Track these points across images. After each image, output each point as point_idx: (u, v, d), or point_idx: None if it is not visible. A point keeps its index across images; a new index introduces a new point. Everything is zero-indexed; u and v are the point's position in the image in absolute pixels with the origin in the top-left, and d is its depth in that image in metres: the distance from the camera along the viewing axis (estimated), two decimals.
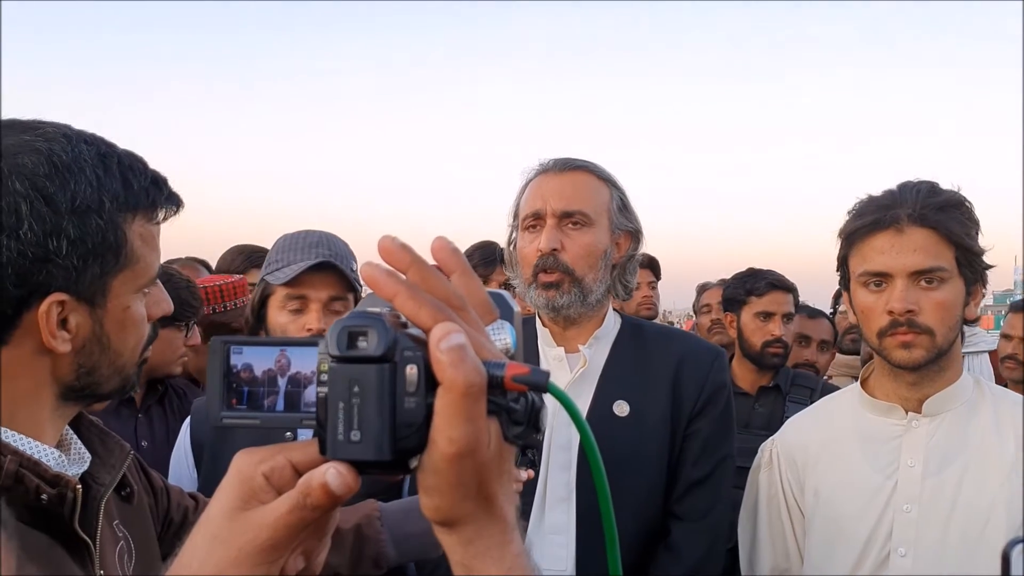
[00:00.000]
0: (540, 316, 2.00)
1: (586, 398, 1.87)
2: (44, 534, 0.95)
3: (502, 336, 0.63)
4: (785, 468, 1.87)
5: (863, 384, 1.83)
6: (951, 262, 1.61)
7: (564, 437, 1.83)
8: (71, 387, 1.01)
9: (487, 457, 0.56)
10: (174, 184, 1.08)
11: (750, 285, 3.23)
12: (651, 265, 4.41)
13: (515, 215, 2.00)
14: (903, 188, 1.67)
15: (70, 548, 0.98)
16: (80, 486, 0.99)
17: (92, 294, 0.98)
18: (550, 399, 0.60)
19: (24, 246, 0.92)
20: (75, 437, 1.10)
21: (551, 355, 1.95)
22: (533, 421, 0.59)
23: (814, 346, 3.62)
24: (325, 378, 0.55)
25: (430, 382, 0.54)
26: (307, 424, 0.59)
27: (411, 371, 0.54)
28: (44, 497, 0.94)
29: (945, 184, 1.67)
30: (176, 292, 2.47)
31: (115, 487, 1.10)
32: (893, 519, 1.67)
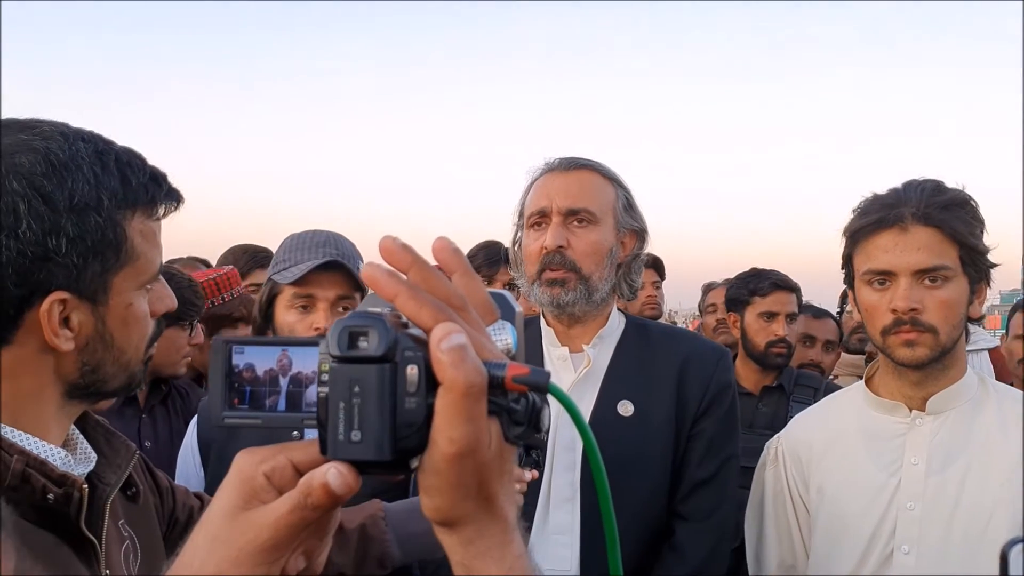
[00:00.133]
0: (544, 315, 1.99)
1: (590, 398, 1.87)
2: (50, 533, 0.96)
3: (503, 336, 0.63)
4: (790, 465, 1.87)
5: (868, 382, 1.83)
6: (955, 261, 1.61)
7: (568, 437, 1.83)
8: (76, 385, 1.01)
9: (487, 457, 0.56)
10: (173, 181, 1.08)
11: (754, 285, 3.23)
12: (655, 265, 4.41)
13: (520, 213, 2.00)
14: (908, 187, 1.67)
15: (76, 548, 0.98)
16: (86, 486, 0.99)
17: (93, 292, 0.98)
18: (555, 403, 0.60)
19: (23, 245, 0.92)
20: (81, 437, 1.10)
21: (555, 355, 1.95)
22: (534, 421, 0.59)
23: (819, 346, 3.60)
24: (326, 378, 0.55)
25: (431, 382, 0.54)
26: (308, 424, 0.59)
27: (412, 371, 0.54)
28: (50, 497, 0.94)
29: (950, 183, 1.67)
30: (179, 291, 2.47)
31: (121, 487, 1.10)
32: (897, 517, 1.67)
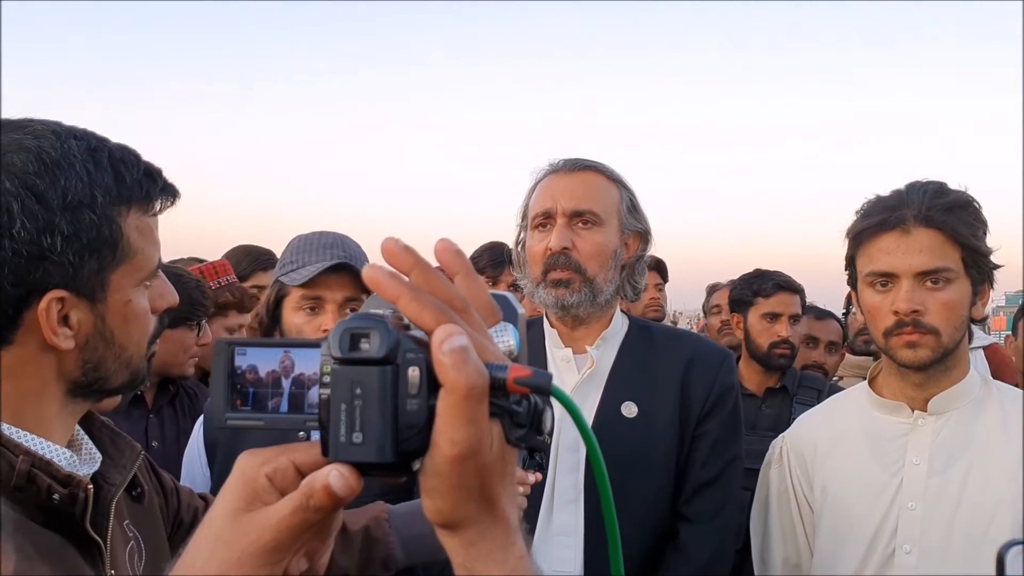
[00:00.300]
0: (548, 316, 1.99)
1: (594, 399, 1.87)
2: (56, 534, 0.96)
3: (505, 338, 0.63)
4: (795, 464, 1.88)
5: (871, 383, 1.84)
6: (957, 263, 1.62)
7: (572, 439, 1.83)
8: (78, 383, 1.01)
9: (489, 459, 0.56)
10: (169, 177, 1.08)
11: (757, 286, 3.22)
12: (658, 267, 4.41)
13: (523, 214, 2.00)
14: (910, 188, 1.67)
15: (81, 548, 0.99)
16: (91, 486, 1.00)
17: (91, 289, 0.98)
18: (559, 404, 0.60)
19: (18, 245, 0.92)
20: (86, 437, 1.10)
21: (559, 356, 1.95)
22: (536, 424, 0.59)
23: (822, 347, 3.60)
24: (328, 380, 0.55)
25: (432, 384, 0.54)
26: (311, 425, 0.59)
27: (413, 373, 0.54)
28: (56, 497, 0.94)
29: (953, 184, 1.67)
30: (186, 292, 2.47)
31: (126, 487, 1.10)
32: (898, 516, 1.68)
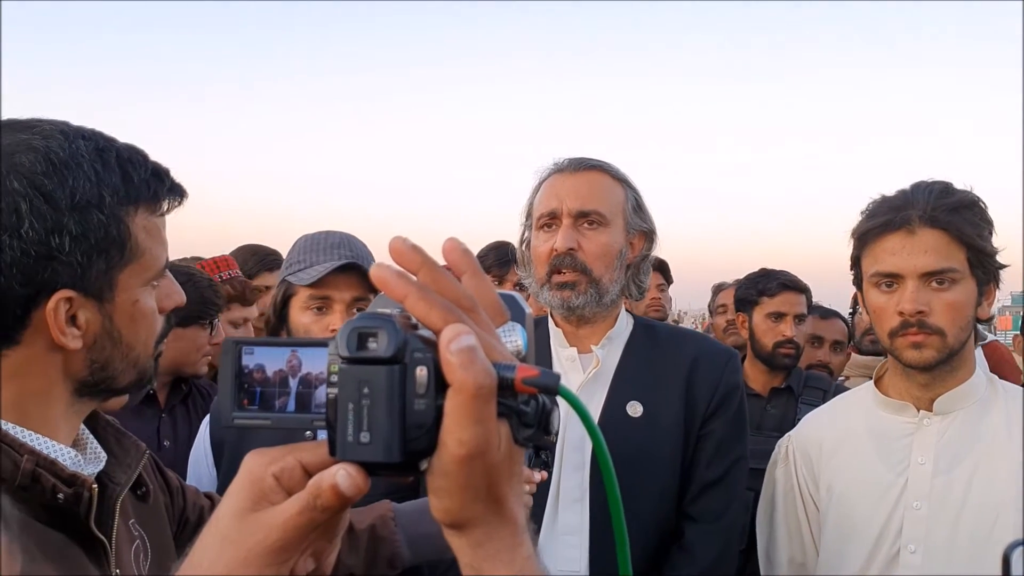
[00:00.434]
0: (553, 316, 1.99)
1: (599, 399, 1.86)
2: (60, 533, 0.96)
3: (513, 338, 0.62)
4: (800, 463, 1.88)
5: (877, 382, 1.84)
6: (963, 263, 1.61)
7: (577, 438, 1.83)
8: (85, 383, 1.01)
9: (497, 459, 0.56)
10: (176, 177, 1.08)
11: (762, 286, 3.21)
12: (660, 268, 4.40)
13: (528, 214, 2.00)
14: (915, 189, 1.66)
15: (86, 547, 0.99)
16: (96, 485, 1.00)
17: (99, 289, 0.98)
18: (564, 402, 0.59)
19: (27, 244, 0.92)
20: (91, 436, 1.10)
21: (564, 356, 1.94)
22: (543, 423, 0.58)
23: (827, 346, 3.60)
24: (335, 379, 0.55)
25: (440, 384, 0.54)
26: (318, 425, 0.59)
27: (421, 372, 0.54)
28: (60, 496, 0.94)
29: (959, 184, 1.66)
30: (198, 291, 2.48)
31: (131, 486, 1.10)
32: (903, 516, 1.67)
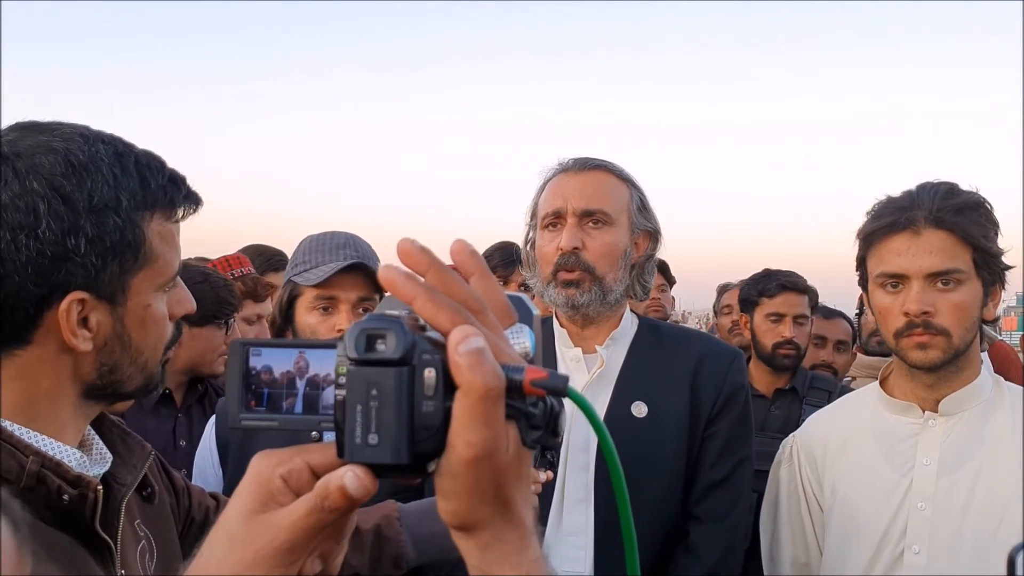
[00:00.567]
0: (557, 316, 1.99)
1: (604, 399, 1.86)
2: (66, 534, 0.96)
3: (521, 340, 0.62)
4: (805, 463, 1.88)
5: (882, 383, 1.83)
6: (968, 264, 1.61)
7: (582, 438, 1.83)
8: (93, 386, 1.01)
9: (505, 461, 0.56)
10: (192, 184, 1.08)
11: (762, 286, 3.22)
12: (662, 269, 4.39)
13: (533, 214, 2.00)
14: (921, 189, 1.66)
15: (91, 548, 0.99)
16: (101, 487, 1.00)
17: (112, 292, 0.98)
18: (568, 401, 0.59)
19: (43, 245, 0.92)
20: (97, 437, 1.10)
21: (568, 356, 1.94)
22: (552, 425, 0.58)
23: (830, 346, 3.60)
24: (343, 381, 0.55)
25: (448, 386, 0.54)
26: (325, 426, 0.59)
27: (429, 374, 0.54)
28: (66, 498, 0.94)
29: (965, 185, 1.66)
30: (214, 291, 2.49)
31: (136, 487, 1.10)
32: (908, 517, 1.67)
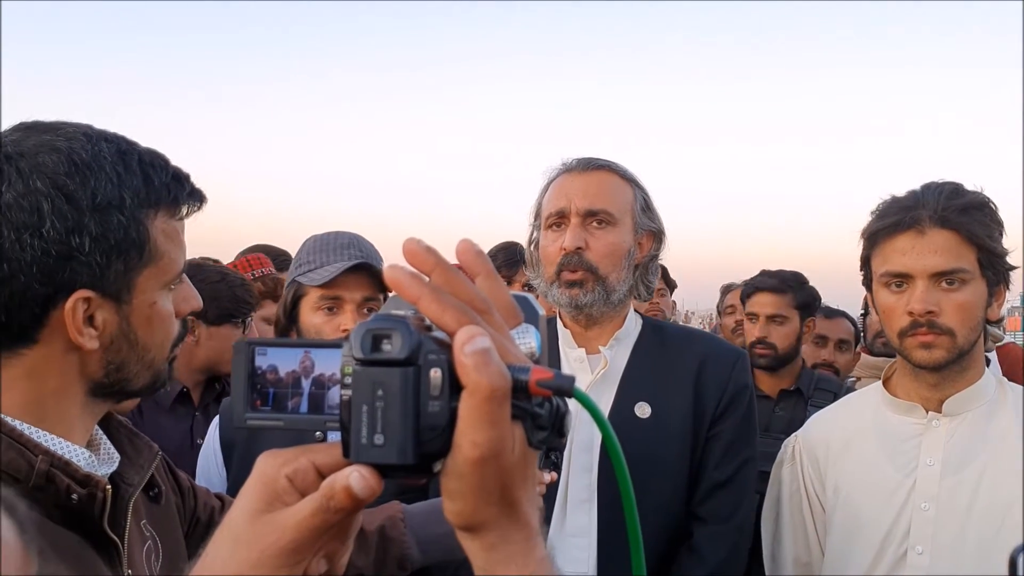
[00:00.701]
0: (561, 316, 1.99)
1: (607, 400, 1.86)
2: (73, 533, 0.96)
3: (527, 340, 0.62)
4: (807, 463, 1.87)
5: (885, 383, 1.83)
6: (973, 263, 1.61)
7: (586, 439, 1.82)
8: (100, 384, 1.02)
9: (511, 462, 0.56)
10: (196, 181, 1.09)
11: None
12: (662, 273, 4.39)
13: (536, 214, 2.00)
14: (926, 189, 1.66)
15: (99, 547, 0.99)
16: (109, 486, 1.00)
17: (117, 291, 0.98)
18: (572, 402, 0.59)
19: (47, 244, 0.93)
20: (104, 437, 1.11)
21: (572, 356, 1.94)
22: (558, 426, 0.58)
23: (831, 346, 3.64)
24: (349, 381, 0.55)
25: (454, 386, 0.54)
26: (331, 426, 0.59)
27: (435, 375, 0.54)
28: (74, 497, 0.95)
29: (969, 185, 1.66)
30: (231, 290, 2.49)
31: (143, 487, 1.11)
32: (911, 517, 1.67)
